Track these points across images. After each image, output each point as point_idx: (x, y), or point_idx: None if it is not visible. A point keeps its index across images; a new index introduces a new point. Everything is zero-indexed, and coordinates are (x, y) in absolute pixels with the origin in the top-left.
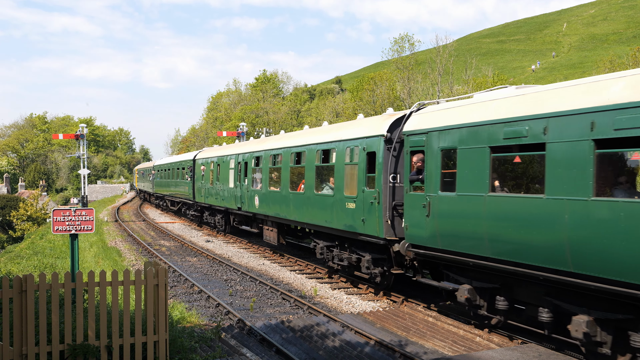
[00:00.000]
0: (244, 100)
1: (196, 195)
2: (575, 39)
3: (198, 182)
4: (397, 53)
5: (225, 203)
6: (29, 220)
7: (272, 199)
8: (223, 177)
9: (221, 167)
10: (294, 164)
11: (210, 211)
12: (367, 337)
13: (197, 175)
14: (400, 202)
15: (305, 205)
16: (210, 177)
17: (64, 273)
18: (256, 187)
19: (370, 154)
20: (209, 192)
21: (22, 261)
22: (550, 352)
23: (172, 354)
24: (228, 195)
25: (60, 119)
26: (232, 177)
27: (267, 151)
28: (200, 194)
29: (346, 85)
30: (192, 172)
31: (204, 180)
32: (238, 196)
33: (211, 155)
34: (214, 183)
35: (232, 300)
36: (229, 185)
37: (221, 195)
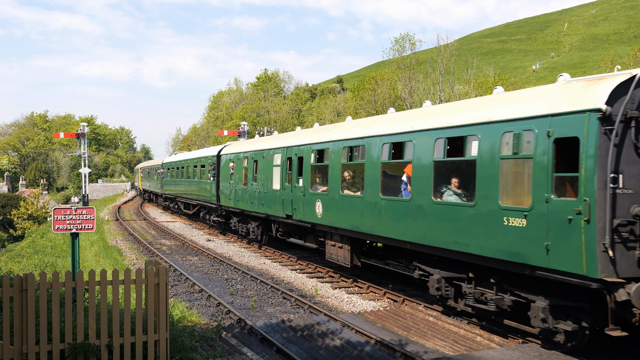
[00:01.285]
0: (245, 100)
1: (221, 198)
2: (576, 39)
3: (224, 182)
4: (398, 53)
5: (265, 209)
6: (29, 219)
7: (346, 207)
8: (263, 176)
9: (260, 164)
10: (388, 158)
11: (240, 217)
12: (368, 337)
13: (224, 174)
14: (627, 219)
15: (411, 217)
16: (242, 177)
17: (64, 272)
18: (318, 189)
19: (563, 142)
20: (240, 194)
21: (23, 260)
22: (550, 352)
23: (173, 353)
24: (270, 199)
25: (61, 118)
26: (277, 176)
27: (337, 142)
28: (228, 196)
29: (347, 84)
30: (216, 170)
31: (233, 179)
32: (287, 201)
33: (244, 149)
34: (248, 183)
35: (232, 300)
36: (272, 187)
37: (259, 198)
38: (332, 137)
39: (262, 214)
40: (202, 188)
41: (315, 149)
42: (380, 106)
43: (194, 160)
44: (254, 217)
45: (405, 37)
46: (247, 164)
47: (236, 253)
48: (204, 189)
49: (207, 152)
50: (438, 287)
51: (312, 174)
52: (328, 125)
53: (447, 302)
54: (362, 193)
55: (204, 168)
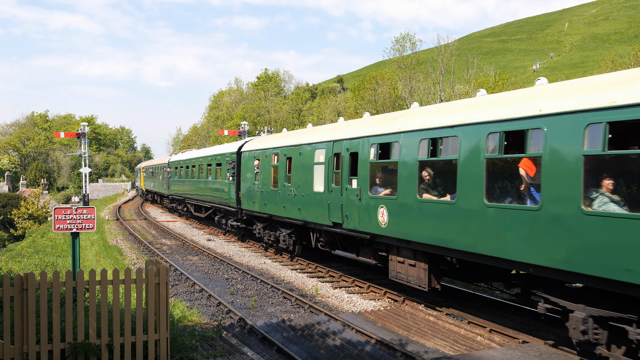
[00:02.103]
0: (246, 99)
1: (243, 200)
2: (576, 39)
3: (247, 182)
4: (399, 52)
5: (303, 215)
6: (30, 219)
7: (425, 215)
8: (299, 176)
9: (295, 161)
10: (498, 152)
11: (266, 223)
12: (368, 336)
13: (246, 173)
14: None
15: (541, 232)
16: (271, 176)
17: (65, 271)
18: (379, 192)
19: None
20: (268, 197)
21: (24, 260)
22: (551, 351)
23: (173, 352)
24: (310, 203)
25: (62, 118)
26: (319, 176)
27: (412, 133)
28: (251, 198)
29: (348, 84)
30: (236, 169)
31: (258, 180)
32: (334, 205)
33: (273, 144)
34: (279, 185)
35: (233, 299)
36: (313, 189)
37: (294, 202)
38: (403, 126)
39: (298, 220)
40: (218, 189)
41: (375, 143)
42: (381, 106)
43: (209, 158)
44: (285, 224)
45: (406, 36)
46: (277, 162)
47: (236, 253)
48: (221, 190)
49: (225, 149)
50: (584, 330)
51: (372, 174)
52: (393, 113)
53: (596, 349)
54: (454, 198)
55: (220, 167)
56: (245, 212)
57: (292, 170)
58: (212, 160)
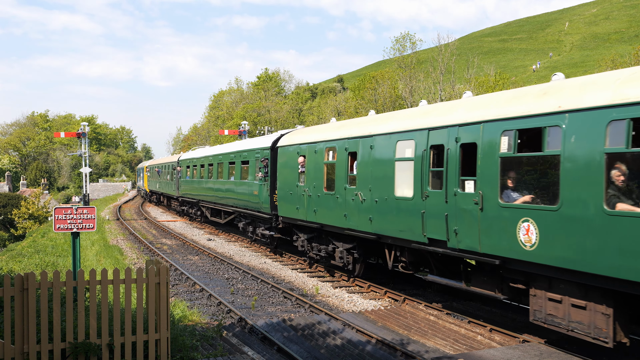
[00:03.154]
0: (246, 99)
1: (281, 206)
2: (577, 38)
3: (286, 183)
4: (399, 52)
5: (378, 226)
6: (30, 219)
7: (619, 234)
8: (371, 177)
9: (364, 157)
10: None
11: (314, 235)
12: (369, 336)
13: (285, 173)
14: None
15: None
16: (323, 177)
17: (65, 271)
18: (517, 199)
19: None
20: (319, 202)
21: (24, 259)
22: (551, 350)
23: (174, 352)
24: (389, 211)
25: (62, 117)
26: (405, 176)
27: (591, 112)
28: (293, 203)
29: (348, 83)
30: (270, 168)
31: (304, 181)
32: (433, 216)
33: (326, 136)
34: (336, 187)
35: (233, 299)
36: (395, 193)
37: (362, 210)
38: (570, 103)
39: (368, 233)
40: (245, 191)
41: (511, 129)
42: (381, 105)
43: (232, 155)
44: (343, 237)
45: (406, 36)
46: (332, 159)
47: (237, 252)
48: (248, 193)
49: (255, 144)
50: None
51: (504, 173)
52: (537, 86)
53: None
54: None
55: (247, 165)
56: (283, 219)
57: (357, 169)
58: (236, 157)
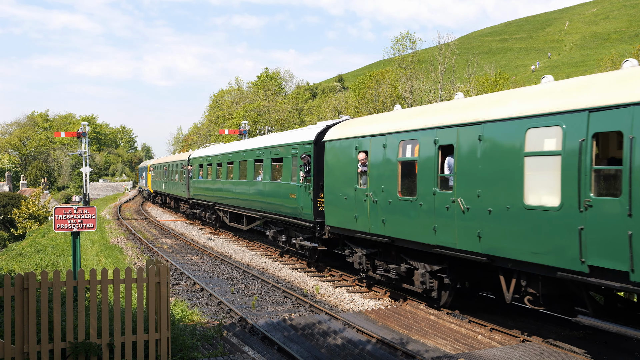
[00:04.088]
0: (246, 99)
1: (330, 213)
2: (577, 38)
3: (338, 186)
4: (399, 52)
5: (490, 244)
6: (30, 218)
7: None
8: (475, 177)
9: (465, 152)
10: None
11: (380, 250)
12: (369, 335)
13: (336, 173)
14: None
15: None
16: (398, 178)
17: (65, 271)
18: None
19: None
20: (390, 210)
21: (24, 259)
22: (552, 349)
23: (174, 352)
24: (512, 225)
25: (62, 117)
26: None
27: None
28: (350, 210)
29: (348, 83)
30: (312, 167)
31: (366, 183)
32: (604, 234)
33: (401, 126)
34: (419, 191)
35: (233, 299)
36: (524, 201)
37: (464, 222)
38: None
39: (475, 254)
40: (278, 194)
41: None
42: (382, 105)
43: (258, 151)
44: (425, 256)
45: (406, 36)
46: (411, 154)
47: (237, 252)
48: (282, 196)
49: (290, 138)
50: None
51: None
52: None
53: None
54: None
55: (279, 163)
56: (331, 229)
57: (457, 168)
58: (264, 154)
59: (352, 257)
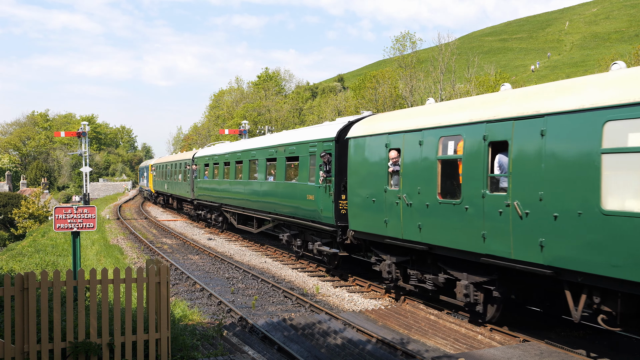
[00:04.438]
0: (246, 98)
1: (354, 215)
2: (577, 38)
3: (364, 187)
4: (399, 51)
5: (544, 255)
6: (30, 218)
7: None
8: (536, 177)
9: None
10: None
11: (411, 258)
12: (369, 335)
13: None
14: None
15: None
16: (437, 178)
17: (65, 271)
18: None
19: None
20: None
21: (24, 259)
22: (552, 349)
23: (174, 351)
24: (583, 233)
25: (62, 117)
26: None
27: None
28: (379, 213)
29: (348, 83)
30: (332, 166)
31: (397, 184)
32: None
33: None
34: (464, 192)
35: (234, 298)
36: (607, 204)
37: (510, 229)
38: None
39: (536, 266)
40: (293, 195)
41: None
42: (382, 105)
43: (271, 149)
44: (469, 265)
45: (406, 35)
46: (454, 152)
47: (237, 252)
48: (298, 197)
49: (308, 135)
50: None
51: None
52: None
53: None
54: None
55: (295, 162)
56: (355, 234)
57: (513, 167)
58: (277, 152)
59: (380, 265)
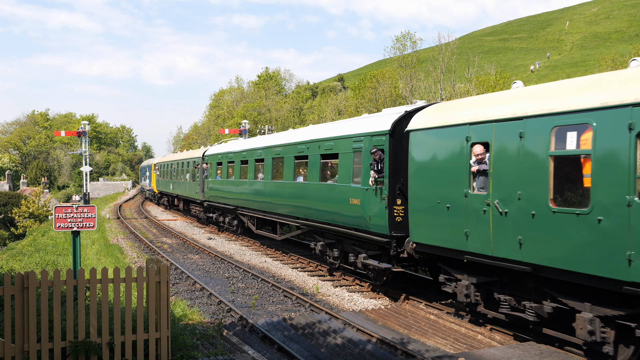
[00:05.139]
0: (246, 98)
1: (417, 225)
2: (577, 37)
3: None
4: (399, 51)
5: None
6: (30, 218)
7: None
8: None
9: None
10: None
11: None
12: (369, 335)
13: (433, 173)
14: None
15: None
16: (548, 180)
17: (65, 270)
18: None
19: None
20: (524, 225)
21: (24, 258)
22: (551, 349)
23: (174, 351)
24: None
25: (62, 116)
26: None
27: None
28: (449, 221)
29: (348, 82)
30: (385, 164)
31: (482, 186)
32: None
33: (548, 107)
34: (593, 200)
35: (234, 298)
36: None
37: None
38: None
39: None
40: (332, 198)
41: None
42: (382, 104)
43: (300, 146)
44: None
45: (407, 35)
46: (574, 146)
47: (237, 251)
48: (339, 201)
49: (353, 128)
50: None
51: None
52: None
53: None
54: None
55: (334, 160)
56: (420, 248)
57: None
58: (310, 149)
59: (455, 287)
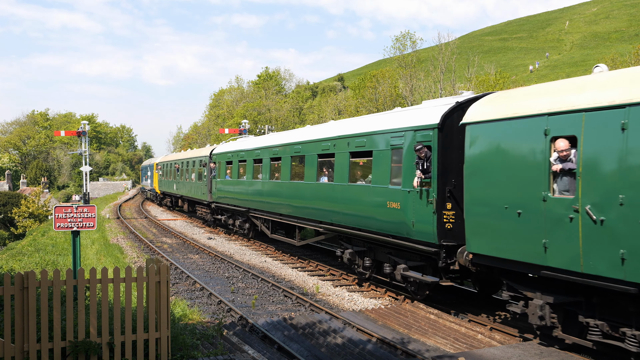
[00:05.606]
0: (246, 98)
1: (477, 234)
2: (577, 37)
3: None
4: (399, 51)
5: None
6: (30, 217)
7: None
8: None
9: None
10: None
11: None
12: (369, 335)
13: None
14: None
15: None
16: None
17: (65, 270)
18: None
19: None
20: (631, 236)
21: (24, 258)
22: (551, 349)
23: (174, 351)
24: None
25: (62, 116)
26: None
27: None
28: (520, 229)
29: (348, 82)
30: (432, 163)
31: (569, 188)
32: None
33: None
34: None
35: (234, 298)
36: None
37: None
38: None
39: None
40: (364, 201)
41: None
42: (382, 104)
43: (324, 143)
44: None
45: (406, 35)
46: None
47: (237, 251)
48: (373, 205)
49: (387, 123)
50: None
51: None
52: None
53: None
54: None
55: (366, 159)
56: (479, 259)
57: None
58: (336, 146)
59: (522, 306)
